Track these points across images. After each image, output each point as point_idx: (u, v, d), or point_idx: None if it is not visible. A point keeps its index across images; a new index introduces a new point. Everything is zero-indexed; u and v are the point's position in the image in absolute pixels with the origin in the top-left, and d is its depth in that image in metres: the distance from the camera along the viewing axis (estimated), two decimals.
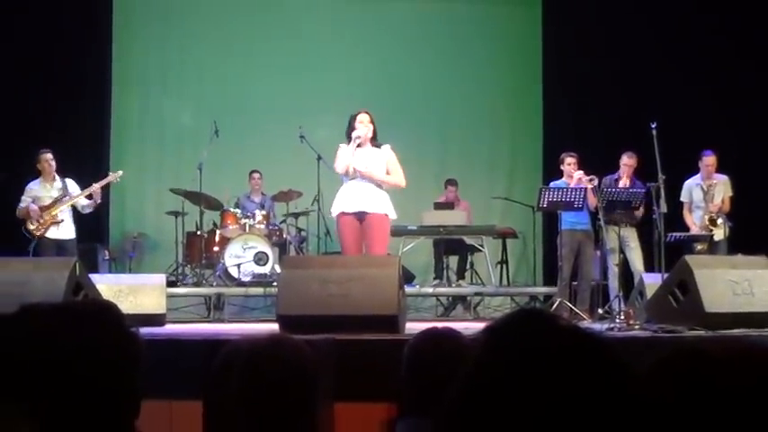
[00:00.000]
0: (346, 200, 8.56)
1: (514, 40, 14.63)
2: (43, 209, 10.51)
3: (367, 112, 8.79)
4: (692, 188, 11.18)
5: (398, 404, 3.12)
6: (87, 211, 10.88)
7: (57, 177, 10.69)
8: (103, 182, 10.83)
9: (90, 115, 13.27)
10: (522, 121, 14.65)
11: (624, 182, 10.77)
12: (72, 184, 10.76)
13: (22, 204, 10.58)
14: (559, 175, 11.01)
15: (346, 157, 8.57)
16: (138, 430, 1.86)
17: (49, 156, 10.65)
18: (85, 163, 11.24)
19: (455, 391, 1.28)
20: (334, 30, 14.25)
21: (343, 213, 8.54)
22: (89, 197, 10.71)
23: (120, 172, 11.05)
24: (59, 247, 10.42)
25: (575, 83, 13.77)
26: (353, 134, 8.60)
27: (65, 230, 10.60)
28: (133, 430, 1.85)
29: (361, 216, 8.50)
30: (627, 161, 10.90)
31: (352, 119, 8.74)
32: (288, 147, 12.84)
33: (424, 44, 14.42)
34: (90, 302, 2.20)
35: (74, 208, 10.73)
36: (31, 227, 10.46)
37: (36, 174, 10.72)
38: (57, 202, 10.55)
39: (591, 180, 10.46)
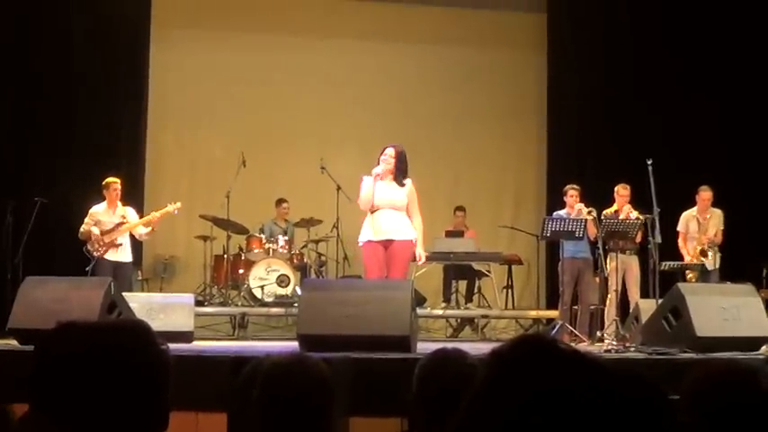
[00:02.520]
0: (373, 228, 8.52)
1: (521, 80, 14.62)
2: (104, 233, 10.54)
3: (394, 147, 8.76)
4: (688, 219, 11.20)
5: (409, 419, 3.10)
6: (144, 238, 10.99)
7: (119, 205, 10.74)
8: (163, 211, 10.89)
9: (127, 146, 13.31)
10: (528, 156, 14.65)
11: (625, 213, 10.74)
12: (132, 213, 10.86)
13: (85, 227, 10.60)
14: (562, 205, 11.01)
15: (367, 194, 8.55)
16: None
17: (118, 185, 10.72)
18: (123, 190, 11.25)
19: (462, 412, 1.27)
20: (354, 69, 14.29)
21: (369, 241, 8.51)
22: (147, 225, 10.79)
23: (179, 203, 11.00)
24: (116, 268, 10.43)
25: (577, 120, 13.82)
26: (373, 170, 8.58)
27: (122, 254, 10.65)
28: None
29: (387, 243, 8.48)
30: (622, 192, 10.92)
31: (381, 152, 8.73)
32: (309, 177, 12.88)
33: (436, 82, 14.45)
34: (123, 321, 2.20)
35: (131, 234, 10.79)
36: (92, 249, 10.51)
37: (101, 198, 10.75)
38: (117, 227, 10.60)
39: (590, 212, 10.45)
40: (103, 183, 10.75)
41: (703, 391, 2.40)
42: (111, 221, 10.62)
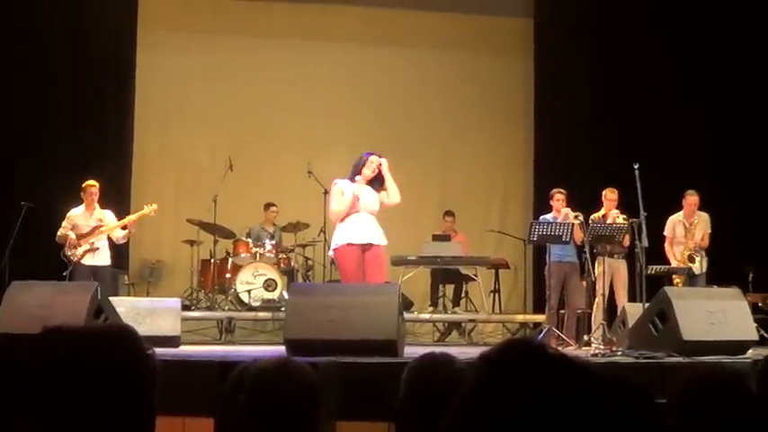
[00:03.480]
0: (353, 232, 8.49)
1: (509, 84, 14.65)
2: (80, 237, 10.48)
3: (378, 155, 8.73)
4: (675, 224, 11.22)
5: (397, 423, 3.10)
6: (121, 241, 10.92)
7: (97, 208, 10.68)
8: (139, 213, 10.85)
9: (113, 148, 13.28)
10: (516, 160, 14.67)
11: (612, 218, 10.74)
12: (111, 216, 10.77)
13: (62, 231, 10.55)
14: (549, 209, 11.02)
15: (343, 207, 8.53)
16: None
17: (95, 189, 10.64)
18: (108, 194, 11.21)
19: (451, 416, 1.27)
20: (342, 73, 14.30)
21: (349, 244, 8.48)
22: (124, 228, 10.74)
23: (155, 205, 10.96)
24: (94, 273, 10.36)
25: (565, 123, 13.86)
26: (354, 189, 8.55)
27: (100, 257, 10.59)
28: None
29: (366, 247, 8.47)
30: (610, 196, 10.93)
31: (364, 158, 8.70)
32: (297, 181, 12.89)
33: (424, 87, 14.46)
34: (110, 325, 2.19)
35: (109, 237, 10.73)
36: (68, 253, 10.45)
37: (78, 202, 10.70)
38: (94, 230, 10.54)
39: (576, 216, 10.46)
40: (82, 186, 10.69)
41: (690, 394, 2.40)
42: (87, 225, 10.56)
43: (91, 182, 10.69)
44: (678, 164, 12.63)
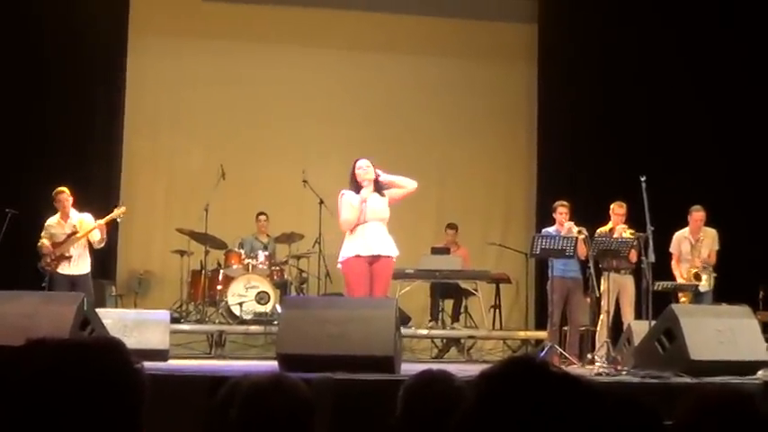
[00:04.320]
0: (361, 243, 8.51)
1: (511, 92, 14.67)
2: (55, 245, 10.44)
3: (365, 159, 8.79)
4: (680, 240, 11.19)
5: None
6: (99, 246, 10.85)
7: (72, 214, 10.61)
8: (108, 217, 10.75)
9: (101, 154, 13.27)
10: (518, 171, 14.68)
11: (619, 233, 10.70)
12: (89, 219, 10.62)
13: (42, 241, 10.49)
14: (552, 222, 11.00)
15: (352, 215, 8.53)
16: None
17: (64, 195, 10.54)
18: (95, 202, 11.19)
19: None
20: (339, 79, 14.30)
21: (358, 256, 8.48)
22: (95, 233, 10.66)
23: (123, 208, 10.88)
24: (72, 282, 10.29)
25: (569, 133, 13.84)
26: (361, 194, 8.56)
27: (77, 266, 10.51)
28: None
29: (373, 259, 8.47)
30: (617, 211, 10.90)
31: (353, 166, 8.73)
32: (291, 190, 12.89)
33: (424, 94, 14.47)
34: (96, 338, 2.18)
35: (89, 243, 10.65)
36: (43, 263, 10.41)
37: (54, 210, 10.65)
38: (69, 238, 10.49)
39: (580, 231, 10.39)
40: (53, 195, 10.60)
41: (698, 417, 2.39)
42: (63, 233, 10.49)
43: (60, 188, 10.60)
44: (686, 176, 12.63)
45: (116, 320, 8.91)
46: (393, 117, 14.33)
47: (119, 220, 11.00)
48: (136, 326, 8.97)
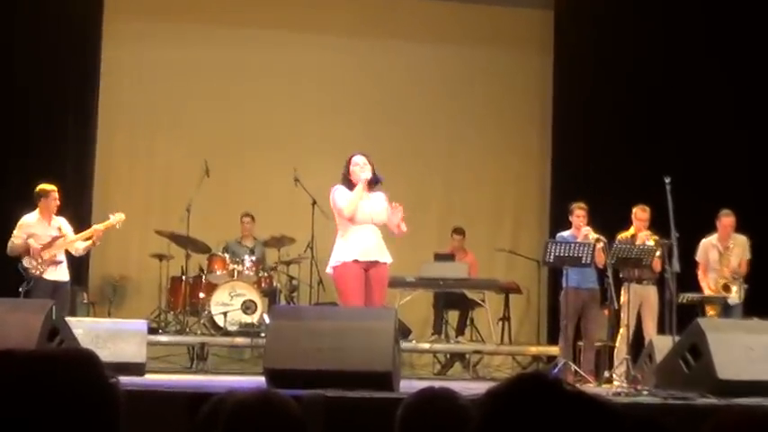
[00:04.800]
0: (356, 247, 8.50)
1: (523, 84, 14.67)
2: (43, 248, 10.38)
3: (362, 154, 8.78)
4: (708, 248, 11.15)
5: None
6: (80, 253, 10.83)
7: (53, 216, 10.56)
8: (106, 224, 10.72)
9: (75, 152, 13.24)
10: (530, 170, 14.65)
11: (642, 239, 10.67)
12: (65, 224, 10.63)
13: (18, 240, 10.37)
14: (568, 225, 10.96)
15: (354, 199, 8.51)
16: None
17: (54, 194, 10.46)
18: (68, 202, 11.16)
19: None
20: (335, 68, 14.28)
21: (356, 261, 8.47)
22: (88, 239, 10.64)
23: (122, 216, 10.82)
24: (55, 289, 10.24)
25: (586, 130, 13.77)
26: (363, 176, 8.54)
27: (61, 272, 10.48)
28: None
29: (369, 266, 8.47)
30: (640, 215, 10.86)
31: (348, 162, 8.72)
32: (281, 190, 12.90)
33: (428, 86, 14.46)
34: (66, 350, 2.18)
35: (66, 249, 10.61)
36: (29, 266, 10.31)
37: (31, 208, 10.55)
38: (54, 240, 10.42)
39: (598, 239, 10.33)
40: (39, 189, 10.49)
41: None
42: (47, 234, 10.42)
43: (50, 186, 10.54)
44: (714, 178, 12.62)
45: (88, 331, 8.93)
46: (393, 110, 14.30)
47: (117, 227, 10.95)
48: (110, 337, 8.99)
